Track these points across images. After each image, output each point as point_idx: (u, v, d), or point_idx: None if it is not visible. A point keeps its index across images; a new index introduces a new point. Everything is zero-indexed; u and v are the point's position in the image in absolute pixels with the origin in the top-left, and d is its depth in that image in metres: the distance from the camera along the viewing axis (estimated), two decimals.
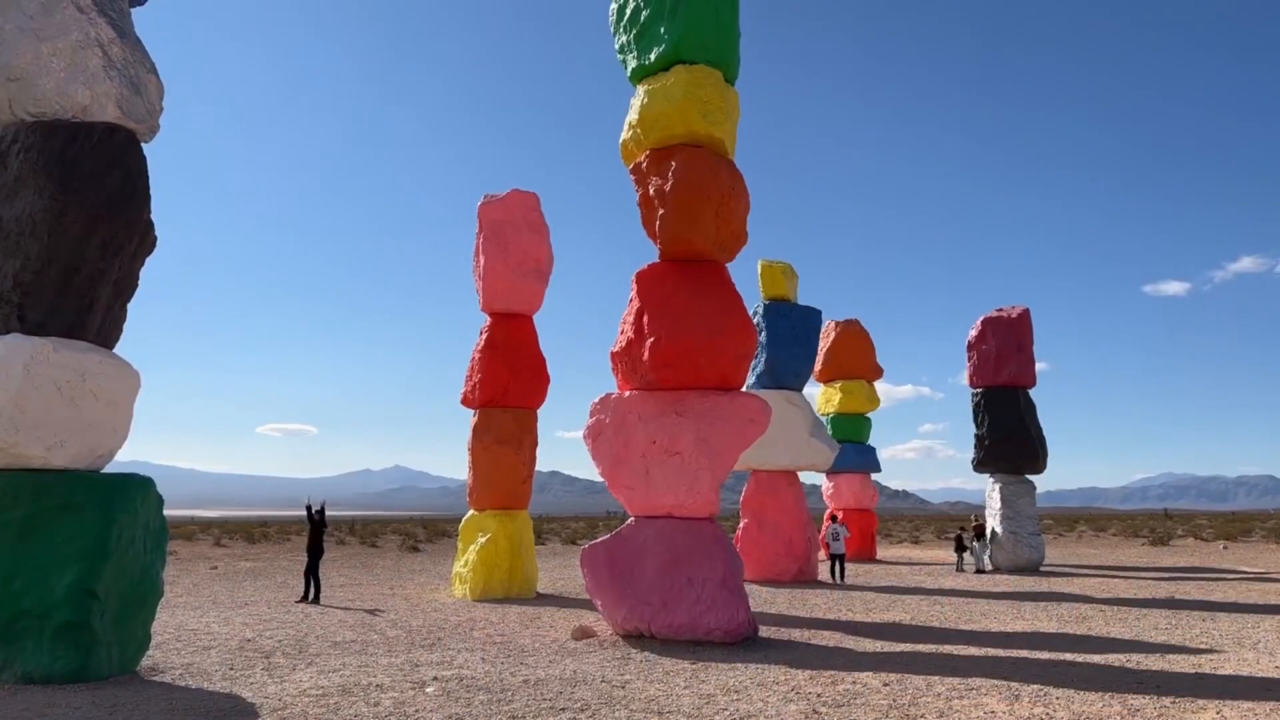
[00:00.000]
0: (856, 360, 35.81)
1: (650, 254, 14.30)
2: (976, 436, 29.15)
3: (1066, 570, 27.72)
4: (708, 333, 13.24)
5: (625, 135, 14.40)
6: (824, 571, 25.44)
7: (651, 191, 13.83)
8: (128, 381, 10.75)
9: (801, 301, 27.39)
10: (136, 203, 10.70)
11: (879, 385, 36.87)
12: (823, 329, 34.08)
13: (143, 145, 11.15)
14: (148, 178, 10.98)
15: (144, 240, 10.98)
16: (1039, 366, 29.57)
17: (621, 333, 14.06)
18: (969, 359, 29.66)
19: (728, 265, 14.26)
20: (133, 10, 11.58)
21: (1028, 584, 22.97)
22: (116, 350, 11.08)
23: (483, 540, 19.58)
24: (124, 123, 10.75)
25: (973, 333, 29.64)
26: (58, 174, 10.14)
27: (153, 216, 11.08)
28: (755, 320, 23.46)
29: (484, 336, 20.53)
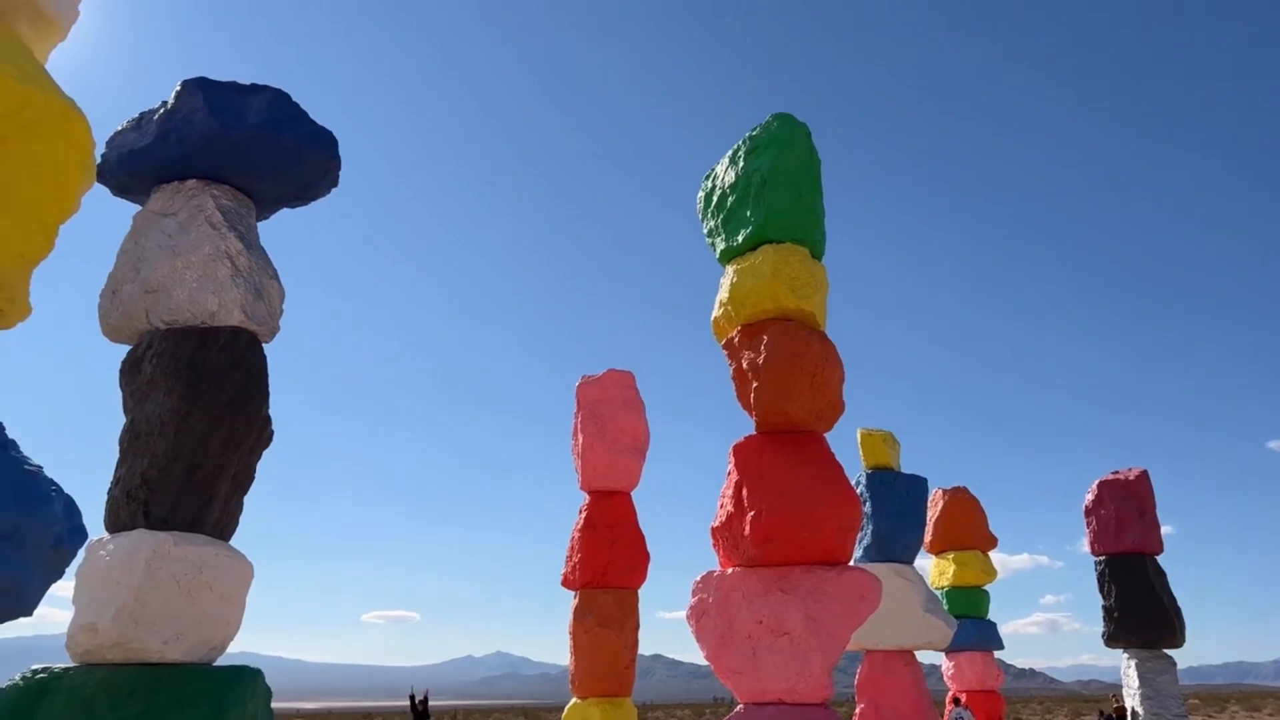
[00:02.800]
0: (968, 529, 34.36)
1: (746, 427, 14.30)
2: (1104, 608, 27.27)
3: None
4: (810, 505, 12.97)
5: (717, 312, 14.72)
6: None
7: (745, 365, 13.97)
8: (242, 573, 11.00)
9: (905, 469, 26.75)
10: (256, 400, 11.29)
11: (994, 555, 35.19)
12: (930, 497, 33.07)
13: (263, 345, 11.86)
14: (267, 376, 11.63)
15: (261, 435, 11.50)
16: (1164, 530, 27.89)
17: (721, 507, 13.88)
18: (1087, 525, 28.16)
19: (826, 435, 14.13)
20: (259, 223, 12.60)
21: None
22: (232, 542, 11.40)
23: None
24: (247, 326, 11.46)
25: (1089, 497, 28.26)
26: (186, 376, 10.80)
27: (270, 412, 11.65)
28: (859, 490, 22.94)
29: (583, 515, 20.54)
